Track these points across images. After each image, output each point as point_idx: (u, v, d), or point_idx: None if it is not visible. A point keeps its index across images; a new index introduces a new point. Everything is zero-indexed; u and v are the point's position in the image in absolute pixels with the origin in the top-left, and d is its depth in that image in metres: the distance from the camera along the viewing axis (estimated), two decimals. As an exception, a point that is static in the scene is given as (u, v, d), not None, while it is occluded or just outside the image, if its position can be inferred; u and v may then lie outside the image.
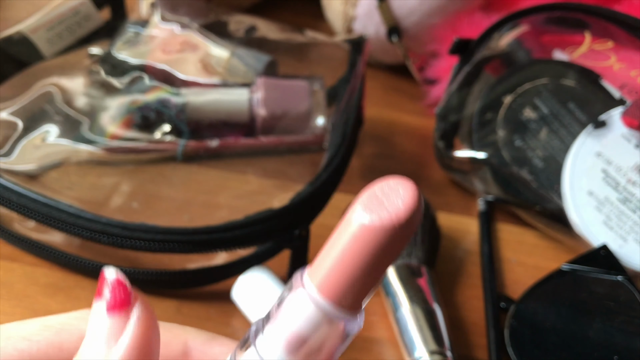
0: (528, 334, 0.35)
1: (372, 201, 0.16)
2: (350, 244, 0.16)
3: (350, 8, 0.54)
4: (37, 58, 0.43)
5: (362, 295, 0.17)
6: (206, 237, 0.32)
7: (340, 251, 0.16)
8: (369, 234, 0.16)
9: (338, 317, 0.17)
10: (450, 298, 0.39)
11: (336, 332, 0.17)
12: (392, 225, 0.16)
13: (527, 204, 0.42)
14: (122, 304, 0.17)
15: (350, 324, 0.17)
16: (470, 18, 0.50)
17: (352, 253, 0.16)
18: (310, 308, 0.17)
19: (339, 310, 0.17)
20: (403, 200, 0.16)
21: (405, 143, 0.51)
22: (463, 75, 0.46)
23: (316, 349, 0.17)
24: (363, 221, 0.16)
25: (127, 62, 0.43)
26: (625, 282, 0.35)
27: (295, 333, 0.17)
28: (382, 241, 0.16)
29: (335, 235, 0.17)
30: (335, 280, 0.16)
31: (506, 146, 0.43)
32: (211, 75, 0.44)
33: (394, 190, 0.16)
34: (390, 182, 0.16)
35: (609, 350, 0.33)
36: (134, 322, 0.17)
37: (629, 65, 0.42)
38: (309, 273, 0.17)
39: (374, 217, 0.16)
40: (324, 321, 0.17)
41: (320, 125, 0.43)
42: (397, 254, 0.17)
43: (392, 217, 0.16)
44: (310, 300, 0.17)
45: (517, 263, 0.42)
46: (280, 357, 0.17)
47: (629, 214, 0.38)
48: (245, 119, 0.42)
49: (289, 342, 0.17)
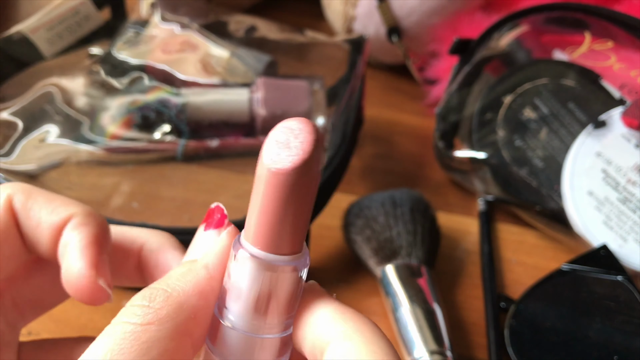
0: (528, 333, 0.35)
1: (275, 147, 0.17)
2: (266, 193, 0.17)
3: (350, 8, 0.54)
4: (37, 58, 0.43)
5: (296, 237, 0.18)
6: (206, 237, 0.32)
7: (259, 203, 0.17)
8: (278, 179, 0.17)
9: (283, 262, 0.17)
10: (450, 298, 0.39)
11: (287, 276, 0.18)
12: (298, 164, 0.17)
13: (527, 204, 0.42)
14: (219, 224, 0.21)
15: (299, 265, 0.18)
16: (470, 18, 0.50)
17: (270, 201, 0.17)
18: (254, 265, 0.17)
19: (280, 256, 0.17)
20: (303, 139, 0.17)
21: (405, 143, 0.51)
22: (463, 76, 0.46)
23: (277, 299, 0.18)
24: (270, 168, 0.17)
25: (127, 62, 0.43)
26: (625, 282, 0.35)
27: (252, 294, 0.18)
28: (293, 182, 0.17)
29: (253, 191, 0.18)
30: (264, 231, 0.17)
31: (506, 146, 0.43)
32: (211, 75, 0.44)
33: (293, 131, 0.17)
34: (288, 125, 0.17)
35: (609, 349, 0.33)
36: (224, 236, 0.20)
37: (629, 65, 0.42)
38: (244, 235, 0.18)
39: (279, 162, 0.17)
40: (272, 271, 0.17)
41: (320, 125, 0.43)
42: (314, 191, 0.17)
43: (295, 158, 0.17)
44: (252, 258, 0.17)
45: (517, 263, 0.42)
46: (252, 322, 0.18)
47: (629, 214, 0.38)
48: (245, 119, 0.42)
49: (251, 305, 0.18)
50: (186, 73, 0.43)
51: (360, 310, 0.33)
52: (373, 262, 0.37)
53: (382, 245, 0.37)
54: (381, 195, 0.39)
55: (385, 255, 0.37)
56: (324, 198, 0.37)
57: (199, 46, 0.45)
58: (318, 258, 0.39)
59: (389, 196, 0.38)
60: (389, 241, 0.37)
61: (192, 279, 0.19)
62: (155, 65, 0.43)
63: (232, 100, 0.42)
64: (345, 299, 0.37)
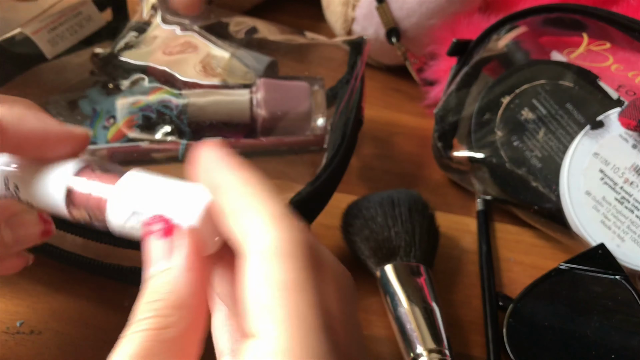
0: (526, 332, 0.35)
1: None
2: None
3: (350, 10, 0.54)
4: (40, 59, 0.43)
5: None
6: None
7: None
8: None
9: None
10: (449, 297, 0.39)
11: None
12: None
13: (525, 204, 0.42)
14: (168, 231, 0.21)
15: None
16: (468, 20, 0.51)
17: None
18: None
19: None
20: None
21: (405, 143, 0.51)
22: (462, 76, 0.46)
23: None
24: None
25: (129, 63, 0.44)
26: (622, 281, 0.36)
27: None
28: None
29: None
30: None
31: (504, 146, 0.43)
32: (212, 76, 0.44)
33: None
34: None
35: (607, 348, 0.34)
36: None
37: (627, 66, 0.43)
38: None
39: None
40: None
41: (320, 125, 0.43)
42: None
43: None
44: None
45: (515, 262, 0.42)
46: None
47: (627, 214, 0.39)
48: (246, 119, 0.42)
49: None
50: (187, 74, 0.43)
51: (360, 309, 0.33)
52: (372, 262, 0.37)
53: (381, 245, 0.37)
54: (380, 195, 0.39)
55: (384, 255, 0.37)
56: (323, 198, 0.37)
57: (200, 47, 0.45)
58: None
59: (388, 196, 0.39)
60: (387, 241, 0.37)
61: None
62: (156, 67, 0.43)
63: (232, 101, 0.42)
64: (345, 298, 0.38)
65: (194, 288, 0.20)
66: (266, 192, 0.20)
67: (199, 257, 0.21)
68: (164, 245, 0.21)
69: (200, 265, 0.21)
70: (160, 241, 0.21)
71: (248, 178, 0.21)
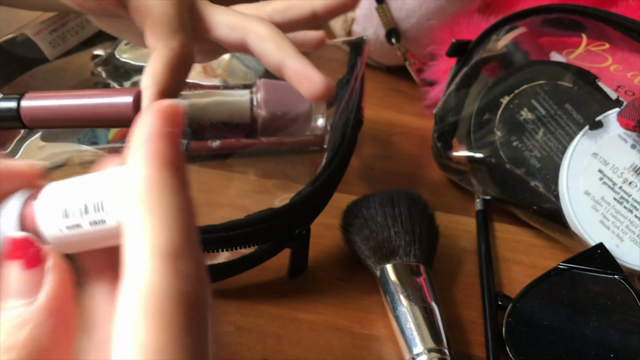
0: (525, 331, 0.35)
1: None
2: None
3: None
4: (41, 60, 0.43)
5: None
6: (208, 236, 0.33)
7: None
8: None
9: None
10: (449, 296, 0.39)
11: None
12: None
13: (524, 204, 0.42)
14: (35, 261, 0.17)
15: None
16: (468, 20, 0.51)
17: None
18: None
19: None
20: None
21: (404, 143, 0.51)
22: (461, 77, 0.46)
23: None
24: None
25: (130, 64, 0.44)
26: (621, 281, 0.36)
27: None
28: None
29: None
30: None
31: (504, 146, 0.43)
32: (212, 77, 0.44)
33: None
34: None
35: (606, 347, 0.34)
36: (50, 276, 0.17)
37: (625, 66, 0.43)
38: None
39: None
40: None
41: (320, 125, 0.43)
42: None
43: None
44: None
45: (515, 262, 0.42)
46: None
47: (626, 214, 0.39)
48: (246, 119, 0.42)
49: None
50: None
51: (359, 309, 0.33)
52: (372, 261, 0.37)
53: (381, 245, 0.37)
54: (380, 195, 0.39)
55: (383, 255, 0.37)
56: (323, 198, 0.37)
57: (200, 48, 0.45)
58: (317, 257, 0.39)
59: (388, 196, 0.39)
60: (387, 241, 0.37)
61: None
62: (157, 67, 0.43)
63: (233, 101, 0.42)
64: (345, 298, 0.38)
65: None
66: (170, 210, 0.17)
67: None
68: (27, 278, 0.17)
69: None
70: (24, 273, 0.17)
71: (157, 183, 0.17)
